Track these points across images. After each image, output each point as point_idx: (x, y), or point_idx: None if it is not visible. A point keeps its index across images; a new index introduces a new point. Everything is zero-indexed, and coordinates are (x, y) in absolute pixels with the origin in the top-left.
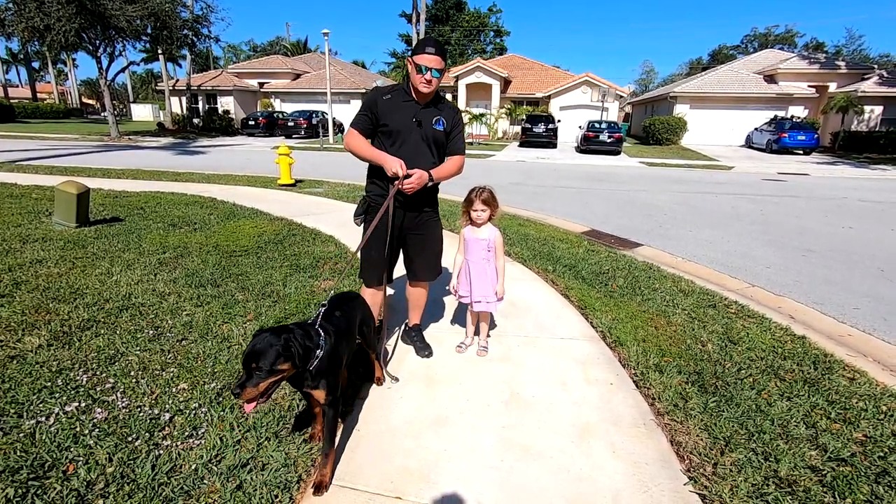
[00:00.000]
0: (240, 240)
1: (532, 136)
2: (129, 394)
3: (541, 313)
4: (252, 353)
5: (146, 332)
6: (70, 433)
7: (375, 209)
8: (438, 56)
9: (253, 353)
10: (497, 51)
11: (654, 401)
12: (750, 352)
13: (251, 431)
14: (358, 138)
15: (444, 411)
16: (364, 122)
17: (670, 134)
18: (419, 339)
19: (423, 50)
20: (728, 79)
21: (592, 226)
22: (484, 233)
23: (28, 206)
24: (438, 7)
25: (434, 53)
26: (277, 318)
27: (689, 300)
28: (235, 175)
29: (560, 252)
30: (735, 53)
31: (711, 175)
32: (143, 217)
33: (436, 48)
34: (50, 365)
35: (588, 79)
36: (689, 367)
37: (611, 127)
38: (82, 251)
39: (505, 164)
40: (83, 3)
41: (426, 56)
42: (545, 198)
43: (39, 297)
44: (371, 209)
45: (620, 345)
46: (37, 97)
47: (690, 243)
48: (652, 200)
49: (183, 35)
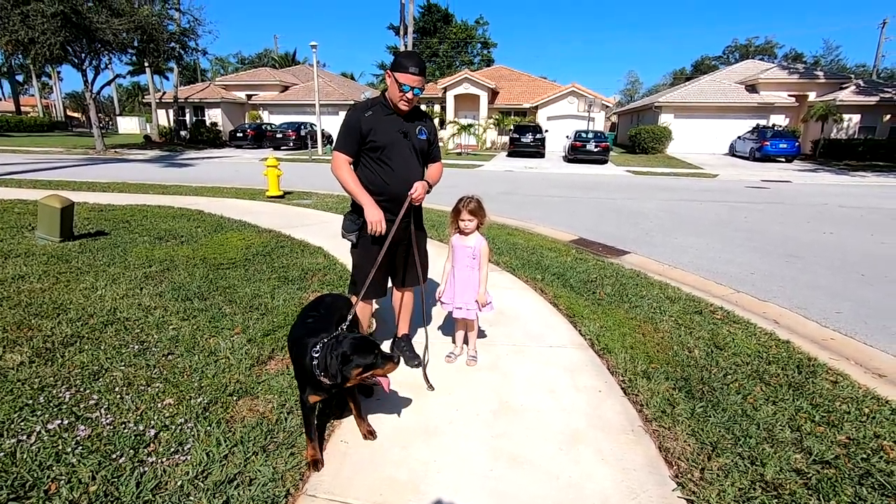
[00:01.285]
0: (227, 252)
1: (520, 146)
2: (114, 410)
3: (529, 322)
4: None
5: (131, 347)
6: (52, 451)
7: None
8: (421, 76)
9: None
10: (484, 62)
11: (642, 407)
12: (736, 357)
13: (238, 446)
14: (346, 170)
15: (433, 421)
16: (350, 144)
17: (656, 143)
18: (408, 349)
19: (405, 69)
20: (711, 89)
21: (580, 234)
22: (471, 241)
23: (10, 221)
24: (426, 20)
25: (417, 74)
26: (265, 330)
27: (675, 307)
28: (223, 187)
29: (548, 261)
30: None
31: (697, 183)
32: (129, 230)
33: (419, 68)
34: (32, 382)
35: (574, 89)
36: (676, 374)
37: (597, 136)
38: (66, 266)
39: (493, 173)
40: (68, 16)
41: (409, 76)
42: (533, 207)
43: (21, 313)
44: (366, 225)
45: (608, 352)
46: (20, 110)
47: (677, 250)
48: (639, 208)
49: (170, 48)
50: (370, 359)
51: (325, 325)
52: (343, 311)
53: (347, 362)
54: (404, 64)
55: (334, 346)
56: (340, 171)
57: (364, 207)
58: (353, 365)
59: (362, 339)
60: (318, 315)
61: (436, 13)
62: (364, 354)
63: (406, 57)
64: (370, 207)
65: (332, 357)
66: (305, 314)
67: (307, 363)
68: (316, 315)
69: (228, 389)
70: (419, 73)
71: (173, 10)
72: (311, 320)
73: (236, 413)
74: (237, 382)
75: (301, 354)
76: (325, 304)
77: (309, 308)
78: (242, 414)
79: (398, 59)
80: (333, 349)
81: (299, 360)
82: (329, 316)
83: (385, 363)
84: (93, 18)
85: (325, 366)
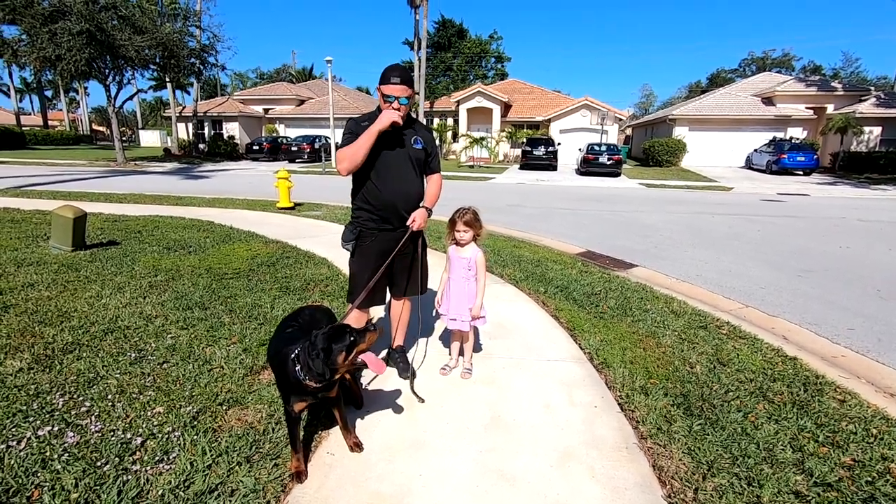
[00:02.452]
0: (233, 262)
1: (532, 158)
2: (104, 417)
3: (529, 335)
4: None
5: (128, 355)
6: (39, 458)
7: (367, 234)
8: (404, 84)
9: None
10: (498, 76)
11: (638, 424)
12: (739, 373)
13: (223, 456)
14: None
15: (422, 435)
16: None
17: (670, 156)
18: (402, 360)
19: (388, 80)
20: (727, 101)
21: (588, 247)
22: (467, 252)
23: (27, 231)
24: (440, 35)
25: (399, 83)
26: (261, 340)
27: (680, 321)
28: (236, 199)
29: (553, 273)
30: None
31: (710, 196)
32: (140, 240)
33: (401, 77)
34: (28, 388)
35: (587, 102)
36: (675, 390)
37: (610, 149)
38: (75, 274)
39: (504, 186)
40: (93, 33)
41: (392, 86)
42: (542, 219)
43: (27, 320)
44: (362, 234)
45: (607, 366)
46: (48, 125)
47: (686, 263)
48: (650, 221)
49: (190, 63)
50: (348, 339)
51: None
52: (322, 322)
53: (329, 353)
54: (387, 75)
55: (311, 347)
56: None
57: (377, 126)
58: (335, 353)
59: (331, 328)
60: (297, 325)
61: (450, 28)
62: (340, 338)
63: (389, 69)
64: (381, 117)
65: (312, 357)
66: (283, 326)
67: (290, 371)
68: (295, 325)
69: (219, 399)
70: (401, 82)
71: (194, 27)
72: (290, 331)
73: (224, 423)
74: (228, 392)
75: (282, 364)
76: (304, 315)
77: (287, 320)
78: (231, 423)
79: (383, 72)
80: (311, 349)
81: (281, 370)
82: (308, 327)
83: (364, 335)
84: (116, 36)
85: (310, 367)
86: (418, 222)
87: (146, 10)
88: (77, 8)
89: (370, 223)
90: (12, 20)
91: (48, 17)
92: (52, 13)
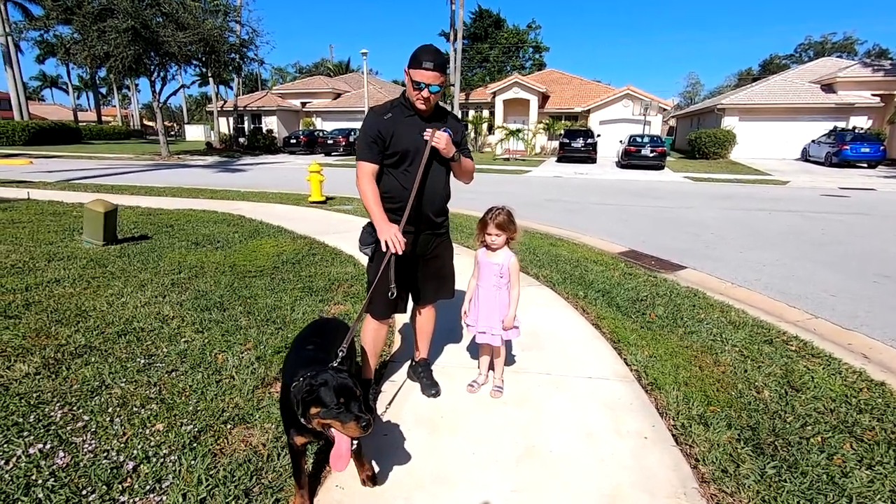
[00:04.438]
0: (257, 259)
1: (570, 151)
2: (101, 434)
3: (567, 346)
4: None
5: (137, 361)
6: (24, 482)
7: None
8: (437, 71)
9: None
10: (536, 66)
11: (697, 462)
12: (816, 401)
13: (219, 487)
14: (367, 181)
15: (444, 466)
16: (372, 152)
17: (718, 147)
18: (426, 375)
19: (420, 64)
20: (781, 89)
21: (631, 246)
22: (498, 257)
23: (66, 224)
24: (477, 25)
25: (432, 69)
26: (277, 347)
27: (740, 334)
28: (269, 192)
29: (593, 275)
30: (788, 63)
31: (764, 190)
32: (170, 235)
33: (434, 62)
34: (30, 397)
35: (629, 92)
36: (741, 420)
37: (653, 141)
38: (101, 270)
39: (541, 179)
40: (138, 31)
41: (423, 72)
42: (580, 214)
43: (45, 319)
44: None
45: (658, 388)
46: (102, 120)
47: (741, 266)
48: (697, 218)
49: (230, 58)
50: (332, 406)
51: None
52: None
53: (307, 403)
54: (419, 58)
55: (303, 387)
56: (361, 182)
57: (376, 225)
58: (311, 405)
59: (336, 379)
60: (319, 343)
61: (487, 18)
62: (326, 397)
63: (422, 51)
64: (382, 224)
65: (300, 393)
66: (303, 343)
67: (290, 400)
68: (318, 342)
69: (224, 416)
70: (434, 67)
71: (234, 22)
72: (311, 349)
73: (227, 445)
74: (235, 407)
75: (284, 389)
76: (329, 330)
77: (309, 336)
78: (233, 446)
79: (413, 54)
80: (300, 390)
81: (283, 395)
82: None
83: (347, 420)
84: (160, 33)
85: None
86: (442, 142)
87: (188, 6)
88: (123, 6)
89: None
90: (66, 20)
91: (97, 15)
92: (100, 12)
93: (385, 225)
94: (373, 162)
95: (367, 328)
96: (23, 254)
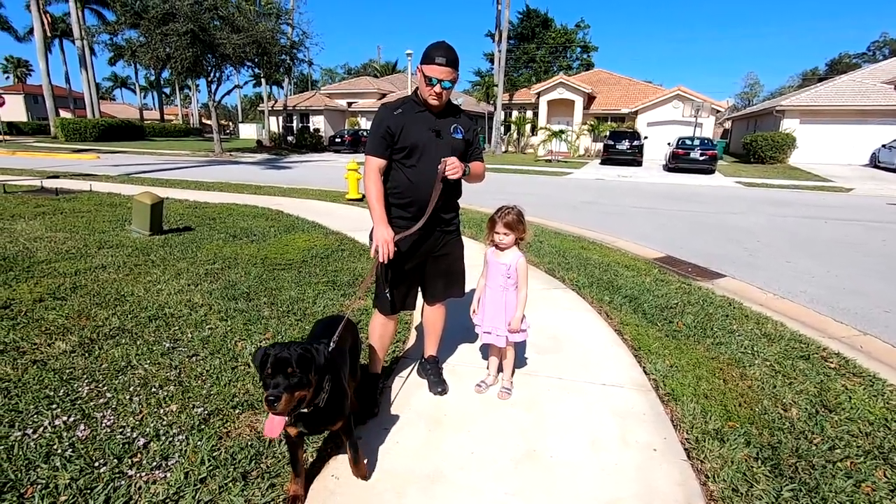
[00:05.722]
0: (288, 253)
1: (614, 153)
2: (120, 411)
3: (584, 352)
4: (283, 360)
5: (163, 345)
6: (45, 450)
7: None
8: (449, 67)
9: (284, 360)
10: (584, 67)
11: (707, 479)
12: (851, 423)
13: (220, 469)
14: (373, 178)
15: (441, 464)
16: (380, 146)
17: (775, 151)
18: (434, 372)
19: (432, 60)
20: (849, 90)
21: (668, 251)
22: (506, 257)
23: (119, 215)
24: (524, 25)
25: (445, 64)
26: (293, 337)
27: (774, 348)
28: (309, 189)
29: (622, 280)
30: (859, 62)
31: (823, 197)
32: (212, 228)
33: (446, 58)
34: (63, 373)
35: (680, 93)
36: (761, 438)
37: (703, 143)
38: (144, 258)
39: (581, 181)
40: (196, 34)
41: (435, 67)
42: (618, 218)
43: (88, 301)
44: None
45: (675, 399)
46: (164, 118)
47: (786, 276)
48: (745, 224)
49: (280, 59)
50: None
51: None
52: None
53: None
54: (431, 55)
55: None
56: (367, 177)
57: (374, 224)
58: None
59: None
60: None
61: (534, 18)
62: (258, 363)
63: (434, 48)
64: (379, 225)
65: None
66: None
67: None
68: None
69: (234, 401)
70: (447, 63)
71: (286, 25)
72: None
73: (233, 429)
74: (245, 393)
75: None
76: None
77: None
78: (239, 430)
79: (426, 51)
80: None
81: None
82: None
83: (265, 391)
84: (216, 35)
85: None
86: (455, 166)
87: (243, 10)
88: (184, 10)
89: (400, 220)
90: (133, 24)
91: (161, 19)
92: (164, 16)
93: (382, 227)
94: (380, 157)
95: (375, 323)
96: (77, 241)
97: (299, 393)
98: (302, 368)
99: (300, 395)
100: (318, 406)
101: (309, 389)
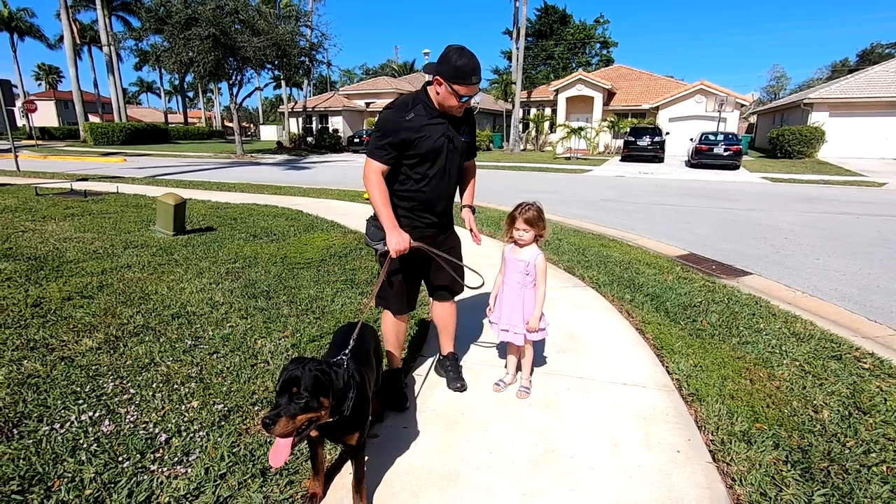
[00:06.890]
0: (307, 252)
1: (635, 149)
2: (143, 406)
3: (605, 351)
4: (292, 380)
5: (185, 342)
6: (72, 444)
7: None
8: (478, 83)
9: (293, 380)
10: (603, 62)
11: (733, 482)
12: (886, 426)
13: (239, 465)
14: (376, 181)
15: (457, 464)
16: (387, 152)
17: (803, 146)
18: (453, 369)
19: (468, 79)
20: (882, 81)
21: (691, 249)
22: (525, 254)
23: (144, 216)
24: (542, 22)
25: (477, 82)
26: (312, 335)
27: (803, 347)
28: (329, 189)
29: (644, 278)
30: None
31: (854, 192)
32: (233, 228)
33: (478, 76)
34: (89, 369)
35: (703, 87)
36: (791, 441)
37: (728, 139)
38: (167, 258)
39: (601, 179)
40: (218, 38)
41: (470, 87)
42: (639, 215)
43: (113, 300)
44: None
45: (699, 400)
46: (188, 121)
47: (816, 274)
48: (772, 221)
49: (300, 61)
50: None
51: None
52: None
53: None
54: (465, 73)
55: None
56: (370, 181)
57: (386, 229)
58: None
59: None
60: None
61: (553, 14)
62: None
63: (469, 68)
64: (393, 232)
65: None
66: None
67: None
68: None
69: (254, 398)
70: (479, 80)
71: (305, 27)
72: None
73: (252, 425)
74: (265, 390)
75: None
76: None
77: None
78: (258, 427)
79: (456, 67)
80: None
81: None
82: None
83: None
84: (237, 38)
85: None
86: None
87: (263, 13)
88: (206, 15)
89: (404, 220)
90: (158, 30)
91: (183, 24)
92: (186, 21)
93: (397, 234)
94: (384, 162)
95: (387, 322)
96: (104, 241)
97: (303, 417)
98: (313, 391)
99: (304, 418)
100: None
101: (320, 412)
